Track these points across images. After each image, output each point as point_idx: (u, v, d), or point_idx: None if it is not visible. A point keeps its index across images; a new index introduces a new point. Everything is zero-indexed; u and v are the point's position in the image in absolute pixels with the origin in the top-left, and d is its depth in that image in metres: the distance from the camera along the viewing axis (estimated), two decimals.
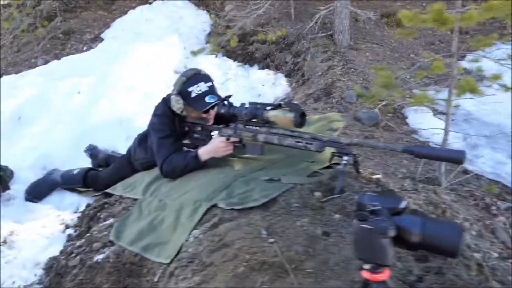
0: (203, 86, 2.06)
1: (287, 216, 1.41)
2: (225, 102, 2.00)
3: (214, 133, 2.16)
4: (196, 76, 2.08)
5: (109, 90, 4.04)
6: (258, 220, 1.40)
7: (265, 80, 4.19)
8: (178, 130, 2.19)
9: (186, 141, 2.21)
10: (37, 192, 2.69)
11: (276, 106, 1.82)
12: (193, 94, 2.04)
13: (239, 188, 1.71)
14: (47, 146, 3.20)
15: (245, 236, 1.31)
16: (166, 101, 2.19)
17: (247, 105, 1.93)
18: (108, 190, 2.32)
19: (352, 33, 4.20)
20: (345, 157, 1.58)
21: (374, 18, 4.21)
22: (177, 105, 2.07)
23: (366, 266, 0.85)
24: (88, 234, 1.96)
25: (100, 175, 2.61)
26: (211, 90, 2.08)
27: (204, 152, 2.00)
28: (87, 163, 2.98)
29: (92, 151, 3.01)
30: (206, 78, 2.11)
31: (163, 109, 2.17)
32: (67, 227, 2.31)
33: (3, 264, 2.01)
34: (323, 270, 1.16)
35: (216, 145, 1.97)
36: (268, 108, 1.82)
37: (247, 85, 4.16)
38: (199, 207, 1.63)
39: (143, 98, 3.99)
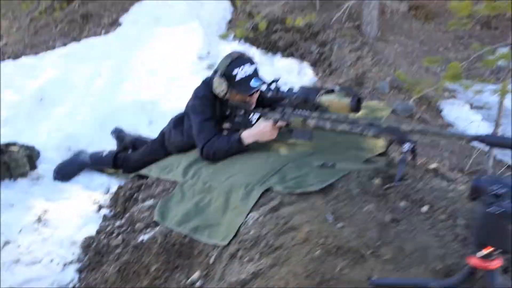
0: (248, 69, 2.00)
1: (350, 202, 1.37)
2: (272, 86, 1.94)
3: (253, 118, 2.11)
4: (241, 58, 2.03)
5: (130, 74, 3.98)
6: (321, 204, 1.35)
7: (289, 68, 4.12)
8: (218, 114, 2.14)
9: (226, 125, 2.15)
10: (66, 172, 2.65)
11: (330, 91, 1.76)
12: (238, 77, 1.98)
13: (292, 172, 1.66)
14: (71, 127, 3.16)
15: (311, 220, 1.27)
16: (207, 83, 2.13)
17: (295, 90, 1.88)
18: (142, 172, 2.28)
19: (379, 24, 4.13)
20: (406, 145, 1.53)
21: (403, 10, 4.14)
22: (220, 87, 2.01)
23: (479, 254, 0.80)
24: (127, 215, 1.92)
25: (131, 157, 2.56)
26: (256, 73, 2.03)
27: (248, 136, 1.95)
28: (112, 145, 2.93)
29: (118, 133, 2.96)
30: (251, 61, 2.05)
31: (204, 92, 2.11)
32: (100, 207, 2.27)
33: (39, 241, 1.98)
34: (401, 257, 1.12)
35: (262, 129, 1.92)
36: (321, 92, 1.76)
37: (272, 73, 4.09)
38: (251, 190, 1.59)
39: (166, 83, 3.93)
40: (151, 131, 3.10)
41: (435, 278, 1.01)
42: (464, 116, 2.81)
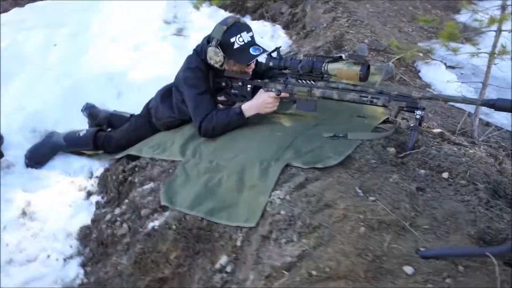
0: (246, 36, 1.87)
1: (374, 174, 1.37)
2: (273, 54, 1.85)
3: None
4: (237, 25, 1.88)
5: (91, 42, 3.62)
6: (347, 178, 1.34)
7: (261, 31, 3.95)
8: (212, 86, 2.01)
9: (221, 98, 2.04)
10: (38, 157, 2.41)
11: (337, 58, 1.70)
12: (236, 45, 1.85)
13: (304, 146, 1.62)
14: (32, 105, 2.85)
15: (343, 196, 1.26)
16: (198, 53, 1.98)
17: (300, 58, 1.80)
18: (132, 152, 2.13)
19: None
20: (418, 112, 1.54)
21: None
22: (217, 57, 1.88)
23: None
24: (127, 201, 1.80)
25: (113, 136, 2.37)
26: (254, 41, 1.91)
27: (249, 108, 1.86)
28: (82, 122, 2.70)
29: (91, 110, 2.72)
30: (247, 28, 1.91)
31: (196, 62, 1.96)
32: (89, 193, 2.12)
33: (29, 237, 1.81)
34: (436, 225, 1.15)
35: (264, 100, 1.84)
36: (328, 60, 1.70)
37: None
38: (268, 166, 1.54)
39: (131, 51, 3.64)
40: (121, 105, 2.89)
41: (485, 246, 1.05)
42: (441, 76, 2.91)
